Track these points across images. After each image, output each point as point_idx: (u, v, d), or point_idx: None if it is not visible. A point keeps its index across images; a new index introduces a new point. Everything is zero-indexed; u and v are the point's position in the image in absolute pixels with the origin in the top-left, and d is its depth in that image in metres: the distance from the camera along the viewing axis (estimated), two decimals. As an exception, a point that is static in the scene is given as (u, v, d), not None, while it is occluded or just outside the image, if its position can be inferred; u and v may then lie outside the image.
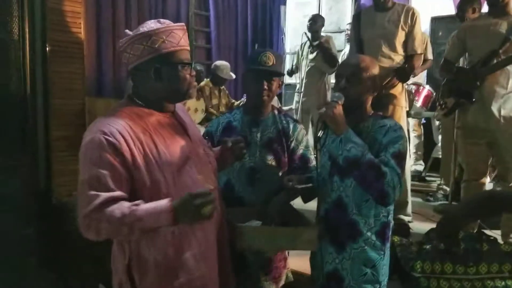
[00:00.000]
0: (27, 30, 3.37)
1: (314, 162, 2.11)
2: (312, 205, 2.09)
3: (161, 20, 1.58)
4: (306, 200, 2.07)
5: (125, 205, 1.39)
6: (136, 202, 1.41)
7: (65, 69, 3.66)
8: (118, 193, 1.41)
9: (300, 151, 2.17)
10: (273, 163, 2.14)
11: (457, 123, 3.24)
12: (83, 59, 3.85)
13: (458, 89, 2.95)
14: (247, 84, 2.18)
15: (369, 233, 1.80)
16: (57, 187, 3.72)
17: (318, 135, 1.73)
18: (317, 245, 1.79)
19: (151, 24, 1.55)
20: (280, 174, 2.14)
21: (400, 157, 1.72)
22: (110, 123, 1.46)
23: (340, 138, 1.68)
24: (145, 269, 1.51)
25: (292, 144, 2.18)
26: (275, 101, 5.36)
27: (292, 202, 2.10)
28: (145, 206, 1.40)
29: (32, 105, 3.54)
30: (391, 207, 1.85)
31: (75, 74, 3.76)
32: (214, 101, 5.19)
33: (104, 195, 1.38)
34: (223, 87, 5.34)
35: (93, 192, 1.39)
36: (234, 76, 5.34)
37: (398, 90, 3.22)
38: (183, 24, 1.61)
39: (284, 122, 2.20)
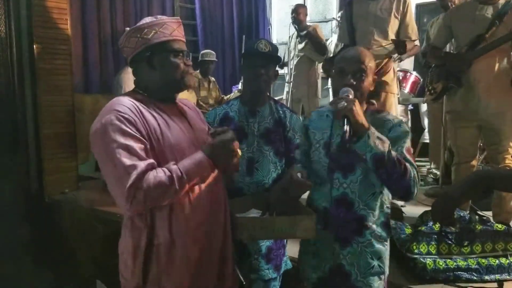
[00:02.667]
0: (13, 27, 3.33)
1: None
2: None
3: (158, 16, 1.64)
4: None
5: (164, 169, 1.45)
6: (170, 164, 1.47)
7: (53, 66, 3.63)
8: (151, 160, 1.45)
9: (297, 141, 2.19)
10: (271, 153, 2.16)
11: (446, 107, 3.28)
12: (71, 55, 3.82)
13: (447, 74, 2.98)
14: (245, 72, 2.20)
15: (374, 226, 1.77)
16: (49, 185, 3.70)
17: (346, 129, 1.55)
18: (315, 233, 1.77)
19: (147, 19, 1.62)
20: (278, 164, 2.17)
21: (411, 151, 1.74)
22: (122, 103, 1.51)
23: (368, 134, 1.58)
24: (159, 251, 1.53)
25: (289, 134, 2.20)
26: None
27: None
28: (183, 163, 1.49)
29: (21, 103, 3.51)
30: (390, 197, 1.85)
31: (62, 70, 3.74)
32: (203, 93, 5.17)
33: (141, 163, 1.41)
34: (213, 79, 5.33)
35: (129, 163, 1.40)
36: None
37: (390, 77, 3.26)
38: (178, 18, 1.66)
39: (281, 112, 2.22)
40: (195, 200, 1.57)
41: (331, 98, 1.79)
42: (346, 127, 1.55)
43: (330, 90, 4.63)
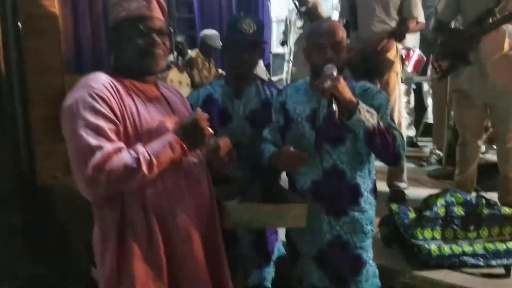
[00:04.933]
0: (-4, 3, 3.18)
1: None
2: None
3: None
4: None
5: (130, 151, 1.34)
6: (137, 145, 1.36)
7: (40, 44, 3.48)
8: (120, 143, 1.35)
9: None
10: (257, 137, 2.03)
11: (451, 86, 3.18)
12: (59, 33, 3.66)
13: (453, 51, 2.86)
14: (227, 53, 2.08)
15: (366, 193, 1.82)
16: (41, 170, 3.60)
17: (334, 109, 1.55)
18: (306, 222, 1.74)
19: None
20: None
21: (392, 117, 1.83)
22: (97, 79, 1.41)
23: (358, 109, 1.58)
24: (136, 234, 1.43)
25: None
26: (263, 72, 5.22)
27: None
28: (151, 145, 1.38)
29: (8, 85, 3.37)
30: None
31: (51, 49, 3.58)
32: (205, 73, 5.03)
33: (108, 145, 1.31)
34: (211, 58, 5.18)
35: (95, 144, 1.30)
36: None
37: (393, 54, 3.17)
38: None
39: (268, 93, 2.11)
40: (169, 181, 1.47)
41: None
42: (335, 107, 1.54)
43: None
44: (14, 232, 3.44)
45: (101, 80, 1.41)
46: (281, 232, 2.19)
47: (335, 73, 1.63)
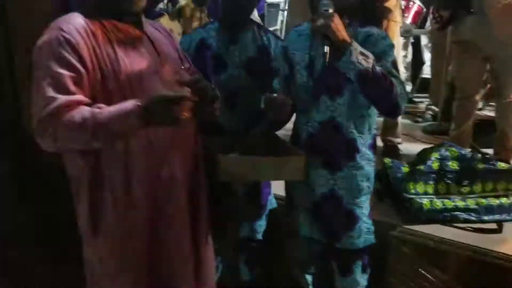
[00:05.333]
0: None
1: None
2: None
3: None
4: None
5: (86, 109, 1.25)
6: (98, 105, 1.27)
7: (27, 6, 3.32)
8: (78, 96, 1.27)
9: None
10: (254, 86, 1.96)
11: (452, 37, 3.09)
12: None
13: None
14: None
15: (364, 148, 1.76)
16: (28, 119, 3.51)
17: (326, 51, 1.49)
18: (305, 174, 1.70)
19: None
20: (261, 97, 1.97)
21: (397, 65, 1.69)
22: (69, 21, 1.32)
23: (350, 50, 1.48)
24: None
25: (274, 64, 1.98)
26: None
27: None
28: (108, 109, 1.26)
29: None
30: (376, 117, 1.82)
31: (40, 10, 3.42)
32: (195, 24, 4.86)
33: (63, 97, 1.24)
34: (203, 7, 4.99)
35: (50, 94, 1.24)
36: None
37: (393, 3, 3.08)
38: None
39: (265, 39, 2.02)
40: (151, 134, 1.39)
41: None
42: (326, 48, 1.47)
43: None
44: (1, 180, 3.40)
45: (74, 23, 1.31)
46: (274, 186, 2.16)
47: (331, 10, 1.51)
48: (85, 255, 1.49)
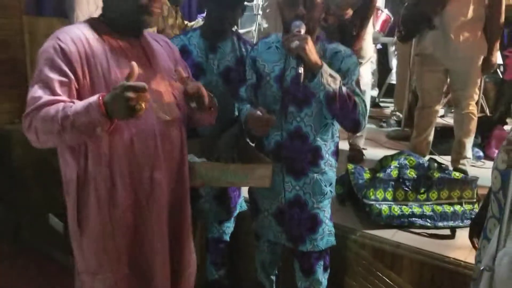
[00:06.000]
0: None
1: None
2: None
3: None
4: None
5: (61, 104, 1.34)
6: (74, 100, 1.37)
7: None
8: (62, 97, 1.37)
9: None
10: (230, 94, 2.02)
11: (415, 50, 3.21)
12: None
13: (419, 15, 2.87)
14: (209, 6, 2.02)
15: (327, 155, 1.84)
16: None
17: (300, 72, 1.55)
18: (270, 182, 1.78)
19: None
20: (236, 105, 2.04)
21: (359, 83, 1.78)
22: (67, 31, 1.44)
23: (321, 72, 1.57)
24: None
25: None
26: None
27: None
28: (79, 102, 1.35)
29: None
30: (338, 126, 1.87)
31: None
32: (171, 21, 4.85)
33: (47, 97, 1.35)
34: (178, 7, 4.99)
35: (38, 94, 1.36)
36: None
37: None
38: None
39: (243, 49, 2.07)
40: (137, 132, 1.47)
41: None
42: (300, 68, 1.54)
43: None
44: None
45: (70, 33, 1.43)
46: (244, 189, 2.21)
47: (303, 31, 1.58)
48: (74, 253, 1.57)
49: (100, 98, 1.29)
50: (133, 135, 1.45)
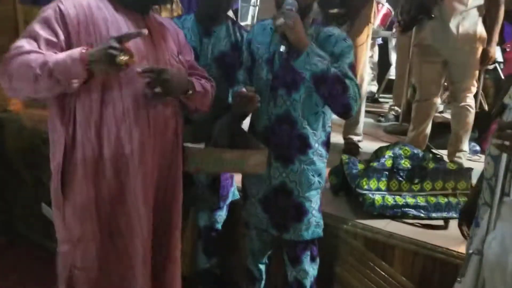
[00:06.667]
0: None
1: None
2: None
3: None
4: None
5: (43, 53, 1.33)
6: (56, 51, 1.35)
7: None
8: (45, 51, 1.35)
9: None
10: (224, 79, 1.99)
11: (414, 40, 3.19)
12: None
13: (418, 5, 2.85)
14: None
15: (316, 145, 1.80)
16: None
17: (282, 50, 1.56)
18: (265, 168, 1.76)
19: None
20: (230, 91, 2.01)
21: (354, 68, 1.73)
22: None
23: (307, 52, 1.55)
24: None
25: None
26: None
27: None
28: (59, 53, 1.34)
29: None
30: (332, 116, 1.84)
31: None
32: (164, 14, 4.82)
33: (29, 47, 1.33)
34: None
35: (22, 44, 1.34)
36: None
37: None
38: None
39: (238, 35, 2.04)
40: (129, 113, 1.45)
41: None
42: (282, 47, 1.52)
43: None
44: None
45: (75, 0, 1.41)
46: (237, 178, 2.19)
47: (294, 10, 1.56)
48: (54, 221, 1.55)
49: (84, 50, 1.30)
50: (126, 109, 1.44)
